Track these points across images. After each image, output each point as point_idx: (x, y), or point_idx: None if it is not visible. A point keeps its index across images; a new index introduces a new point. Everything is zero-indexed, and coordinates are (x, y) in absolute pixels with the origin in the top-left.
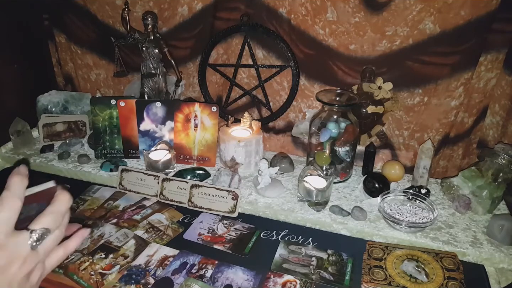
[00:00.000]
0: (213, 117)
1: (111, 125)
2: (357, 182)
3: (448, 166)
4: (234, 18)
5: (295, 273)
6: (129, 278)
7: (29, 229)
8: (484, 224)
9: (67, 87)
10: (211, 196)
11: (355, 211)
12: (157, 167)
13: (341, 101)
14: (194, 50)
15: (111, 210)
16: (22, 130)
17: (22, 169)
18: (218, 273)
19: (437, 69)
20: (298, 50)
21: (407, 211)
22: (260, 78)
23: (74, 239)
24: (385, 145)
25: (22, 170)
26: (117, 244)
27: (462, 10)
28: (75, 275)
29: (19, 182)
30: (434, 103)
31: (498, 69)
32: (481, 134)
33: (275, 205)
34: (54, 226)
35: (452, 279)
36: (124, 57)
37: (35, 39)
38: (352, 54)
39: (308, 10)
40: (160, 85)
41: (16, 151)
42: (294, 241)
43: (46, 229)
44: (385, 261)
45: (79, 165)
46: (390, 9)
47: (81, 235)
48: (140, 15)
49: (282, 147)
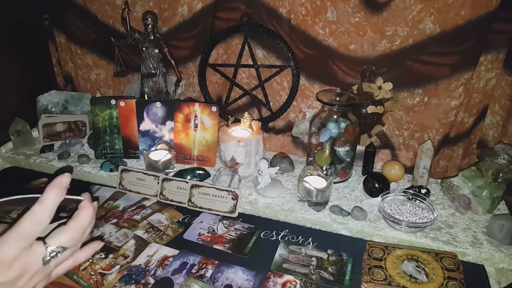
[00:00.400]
0: (213, 117)
1: (111, 125)
2: (357, 182)
3: (448, 166)
4: (234, 18)
5: (295, 273)
6: (129, 278)
7: (46, 243)
8: (484, 224)
9: (67, 87)
10: (211, 196)
11: (355, 211)
12: (157, 167)
13: (341, 101)
14: (194, 50)
15: (111, 210)
16: (22, 130)
17: (63, 181)
18: (218, 273)
19: (437, 69)
20: (298, 50)
21: (407, 211)
22: (260, 78)
23: (86, 250)
24: (385, 145)
25: (64, 181)
26: (117, 244)
27: (462, 10)
28: (75, 275)
29: (55, 198)
30: (434, 103)
31: (498, 69)
32: (481, 134)
33: (275, 205)
34: (71, 245)
35: (452, 279)
36: (124, 57)
37: (35, 39)
38: (352, 54)
39: (308, 10)
40: (160, 85)
41: (16, 151)
42: (294, 241)
43: (63, 247)
44: (385, 261)
45: (79, 165)
46: (390, 9)
47: (94, 248)
48: (140, 15)
49: (282, 147)
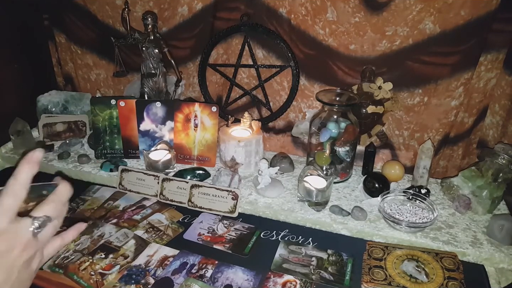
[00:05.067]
0: (213, 117)
1: (111, 125)
2: (357, 182)
3: (448, 166)
4: (234, 18)
5: (295, 273)
6: (129, 278)
7: (32, 216)
8: (484, 224)
9: (67, 87)
10: (211, 196)
11: (355, 211)
12: (157, 167)
13: (341, 101)
14: (194, 50)
15: (111, 210)
16: (22, 130)
17: (35, 155)
18: (218, 273)
19: (437, 69)
20: (298, 50)
21: (407, 211)
22: (260, 78)
23: (71, 230)
24: (385, 145)
25: (35, 156)
26: (117, 244)
27: (462, 10)
28: (75, 275)
29: (27, 171)
30: (434, 103)
31: (498, 69)
32: (481, 134)
33: (275, 205)
34: (55, 215)
35: (452, 279)
36: (124, 57)
37: (35, 39)
38: (352, 54)
39: (308, 10)
40: (160, 85)
41: (16, 151)
42: (294, 241)
43: (47, 217)
44: (385, 261)
45: (79, 165)
46: (390, 9)
47: (78, 227)
48: (140, 15)
49: (282, 147)
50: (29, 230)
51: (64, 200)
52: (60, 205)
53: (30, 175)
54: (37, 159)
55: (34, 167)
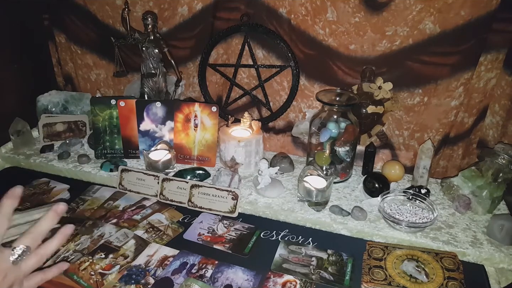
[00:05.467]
0: (213, 117)
1: (111, 125)
2: (357, 182)
3: (448, 166)
4: (234, 18)
5: (295, 273)
6: (129, 278)
7: (13, 246)
8: (484, 224)
9: (67, 87)
10: (211, 196)
11: (355, 211)
12: (157, 167)
13: (341, 101)
14: (194, 50)
15: (111, 210)
16: (22, 130)
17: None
18: (218, 273)
19: (437, 69)
20: (298, 50)
21: (407, 211)
22: (260, 78)
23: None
24: (385, 145)
25: (16, 192)
26: (117, 244)
27: (462, 10)
28: (75, 275)
29: (9, 205)
30: (434, 103)
31: (498, 69)
32: (481, 134)
33: (275, 205)
34: (33, 245)
35: (452, 279)
36: (124, 57)
37: (35, 39)
38: (352, 54)
39: (308, 10)
40: (160, 85)
41: (16, 151)
42: (294, 241)
43: (27, 246)
44: (385, 261)
45: (79, 165)
46: (390, 9)
47: (64, 232)
48: (140, 15)
49: (282, 147)
50: (10, 259)
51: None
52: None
53: (12, 208)
54: (18, 194)
55: (15, 201)
